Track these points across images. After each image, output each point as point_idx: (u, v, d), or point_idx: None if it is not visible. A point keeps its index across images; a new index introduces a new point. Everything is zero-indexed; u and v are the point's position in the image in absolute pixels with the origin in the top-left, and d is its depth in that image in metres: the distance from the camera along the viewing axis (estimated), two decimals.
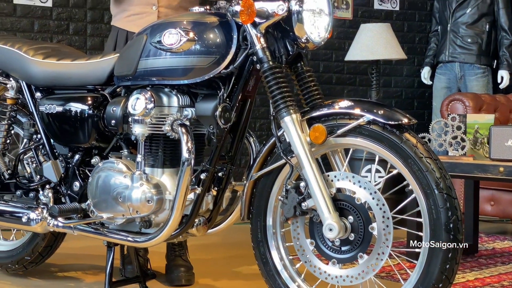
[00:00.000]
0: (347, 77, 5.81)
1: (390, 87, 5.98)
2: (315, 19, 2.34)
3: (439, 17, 5.64)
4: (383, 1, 5.91)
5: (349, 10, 5.76)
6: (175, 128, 2.42)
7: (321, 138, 2.22)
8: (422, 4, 6.06)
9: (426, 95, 6.02)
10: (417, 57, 6.03)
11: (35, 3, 4.76)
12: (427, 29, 5.99)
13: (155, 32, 2.48)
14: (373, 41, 4.98)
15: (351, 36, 5.41)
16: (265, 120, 5.41)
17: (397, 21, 5.95)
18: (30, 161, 2.91)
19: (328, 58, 5.71)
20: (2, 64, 2.96)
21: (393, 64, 5.90)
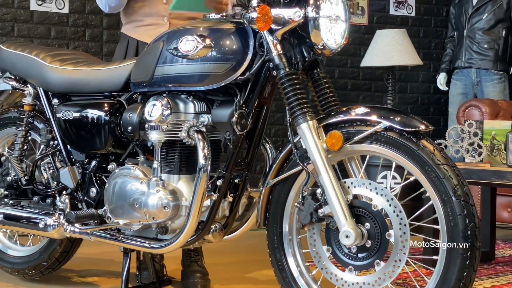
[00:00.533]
0: (362, 83, 5.80)
1: (405, 93, 5.96)
2: (332, 26, 2.34)
3: (455, 23, 5.62)
4: (398, 7, 5.90)
5: (364, 16, 5.76)
6: (191, 135, 2.43)
7: (338, 145, 2.22)
8: (438, 9, 6.05)
9: (442, 101, 6.00)
10: (433, 63, 6.02)
11: (52, 10, 4.80)
12: (443, 35, 5.97)
13: (171, 39, 2.49)
14: (389, 47, 4.97)
15: (367, 42, 5.41)
16: (280, 126, 5.41)
17: (413, 27, 5.94)
18: (47, 167, 2.92)
19: (343, 64, 5.71)
20: (19, 71, 2.98)
21: (409, 70, 5.88)
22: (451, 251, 2.07)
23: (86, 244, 3.06)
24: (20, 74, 2.99)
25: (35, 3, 4.74)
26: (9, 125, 3.16)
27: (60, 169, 2.85)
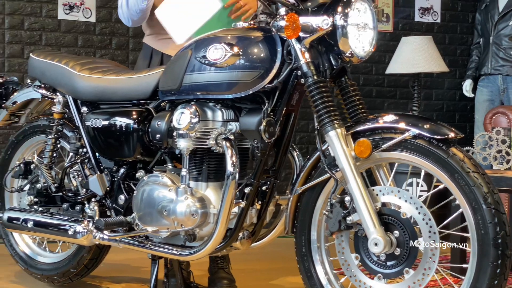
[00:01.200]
0: (387, 90, 5.78)
1: (431, 100, 5.93)
2: (360, 33, 2.34)
3: (481, 29, 5.59)
4: (424, 13, 5.88)
5: (389, 23, 5.75)
6: (219, 142, 2.44)
7: (366, 153, 2.22)
8: (463, 16, 6.02)
9: (468, 108, 5.96)
10: (459, 69, 5.98)
11: (79, 19, 4.84)
12: (469, 42, 5.94)
13: (199, 47, 2.50)
14: (414, 54, 4.95)
15: (392, 49, 5.39)
16: (305, 133, 5.41)
17: (439, 33, 5.91)
18: (76, 175, 2.95)
19: (368, 71, 5.69)
20: (49, 79, 3.01)
21: (434, 76, 5.85)
22: (482, 260, 2.06)
23: (114, 250, 3.08)
24: (50, 83, 3.03)
25: (63, 12, 4.79)
26: (39, 133, 3.20)
27: (89, 176, 2.88)
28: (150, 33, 3.26)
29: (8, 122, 3.30)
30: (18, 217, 2.93)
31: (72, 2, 4.82)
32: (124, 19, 3.19)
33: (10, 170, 3.22)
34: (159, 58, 3.21)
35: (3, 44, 4.66)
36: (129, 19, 3.15)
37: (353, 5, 2.30)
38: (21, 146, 3.29)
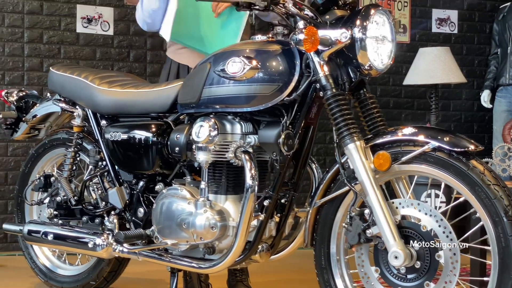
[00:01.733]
0: (404, 101, 5.77)
1: (449, 111, 5.91)
2: (378, 46, 2.34)
3: (498, 40, 5.57)
4: (441, 24, 5.87)
5: (406, 34, 5.75)
6: (238, 155, 2.45)
7: (386, 165, 2.22)
8: (481, 26, 6.00)
9: (486, 119, 5.94)
10: (477, 80, 5.96)
11: (97, 32, 4.88)
12: (487, 52, 5.92)
13: (218, 60, 2.51)
14: (432, 65, 4.94)
15: (409, 60, 5.39)
16: (323, 144, 5.41)
17: (456, 44, 5.89)
18: (96, 188, 2.97)
19: (385, 82, 5.69)
20: (69, 93, 3.04)
21: (452, 87, 5.84)
22: (503, 273, 2.05)
23: (134, 263, 3.09)
24: (70, 96, 3.05)
25: (81, 26, 4.83)
26: (59, 146, 3.22)
27: (109, 189, 2.89)
28: (170, 45, 3.31)
29: (28, 136, 3.33)
30: (38, 230, 2.95)
31: (91, 15, 4.86)
32: (140, 22, 3.27)
33: (30, 183, 3.25)
34: (176, 69, 3.25)
35: (22, 57, 4.70)
36: (144, 22, 3.22)
37: (371, 18, 2.31)
38: (41, 159, 3.31)
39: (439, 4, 5.86)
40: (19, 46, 4.70)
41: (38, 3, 4.73)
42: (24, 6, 4.70)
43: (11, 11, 4.67)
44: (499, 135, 4.94)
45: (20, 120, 3.27)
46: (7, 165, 4.68)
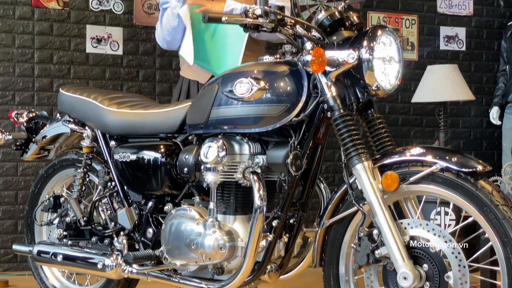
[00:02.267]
0: (413, 118, 5.77)
1: (458, 128, 5.90)
2: (385, 67, 2.34)
3: (507, 57, 5.57)
4: (449, 41, 5.88)
5: (414, 51, 5.75)
6: (247, 176, 2.45)
7: (394, 186, 2.21)
8: (489, 43, 6.01)
9: (495, 135, 5.93)
10: (485, 97, 5.96)
11: (107, 52, 4.91)
12: (495, 69, 5.92)
13: (226, 81, 2.52)
14: (440, 83, 4.94)
15: (417, 78, 5.39)
16: (331, 162, 5.41)
17: (464, 61, 5.90)
18: (105, 208, 2.97)
19: (394, 100, 5.69)
20: (78, 114, 3.05)
21: (461, 104, 5.83)
22: None
23: (143, 284, 3.08)
24: (79, 117, 3.07)
25: (91, 46, 4.86)
26: (68, 166, 3.24)
27: (118, 210, 2.90)
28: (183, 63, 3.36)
29: (38, 156, 3.34)
30: (48, 250, 2.96)
31: (100, 35, 4.89)
32: (160, 41, 3.35)
33: (39, 204, 3.26)
34: (187, 85, 3.29)
35: (32, 78, 4.74)
36: (164, 40, 3.29)
37: (378, 38, 2.31)
38: (50, 180, 3.32)
39: (447, 21, 5.88)
40: (29, 66, 4.73)
41: (48, 24, 4.77)
42: (35, 27, 4.74)
43: (21, 32, 4.71)
44: (509, 152, 4.93)
45: (30, 141, 3.29)
46: (17, 185, 4.70)
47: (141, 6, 5.00)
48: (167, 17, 3.26)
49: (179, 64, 3.44)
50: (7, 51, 4.69)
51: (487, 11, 6.01)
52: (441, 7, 5.86)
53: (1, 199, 4.68)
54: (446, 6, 5.87)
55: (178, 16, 3.20)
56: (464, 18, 5.94)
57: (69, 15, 4.83)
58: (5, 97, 4.69)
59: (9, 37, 4.69)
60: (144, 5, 5.02)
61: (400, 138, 5.66)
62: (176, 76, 4.85)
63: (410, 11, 5.78)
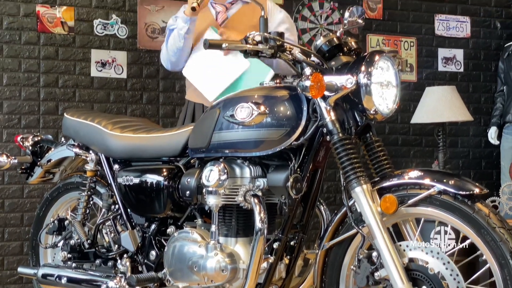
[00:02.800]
0: (413, 139, 5.77)
1: (457, 148, 5.90)
2: (383, 91, 2.35)
3: (504, 78, 5.58)
4: (447, 63, 5.89)
5: (413, 72, 5.77)
6: (248, 199, 2.45)
7: (392, 208, 2.22)
8: (486, 65, 6.02)
9: (494, 155, 5.92)
10: (483, 117, 5.96)
11: (111, 75, 4.93)
12: (493, 90, 5.93)
13: (227, 106, 2.53)
14: (438, 104, 4.95)
15: (416, 98, 5.40)
16: (333, 182, 5.40)
17: (462, 82, 5.91)
18: (109, 231, 2.98)
19: (393, 120, 5.70)
20: (82, 138, 3.06)
21: (459, 124, 5.83)
22: None
23: None
24: (83, 141, 3.08)
25: (95, 70, 4.88)
26: (72, 189, 3.24)
27: (121, 232, 2.90)
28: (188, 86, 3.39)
29: (43, 179, 3.35)
30: (52, 273, 2.97)
31: (104, 59, 4.91)
32: (164, 62, 3.41)
33: (44, 227, 3.26)
34: (192, 109, 3.31)
35: (38, 101, 4.75)
36: (169, 60, 3.33)
37: (376, 63, 2.32)
38: (55, 203, 3.33)
39: (444, 43, 5.89)
40: (35, 90, 4.75)
41: (53, 49, 4.79)
42: (40, 52, 4.76)
43: (27, 57, 4.73)
44: (507, 172, 4.93)
45: (35, 165, 3.30)
46: (23, 207, 4.70)
47: (144, 30, 5.03)
48: (173, 38, 3.31)
49: (182, 86, 3.47)
50: (13, 76, 4.71)
51: (484, 33, 6.03)
52: (439, 30, 5.88)
53: (7, 221, 4.68)
54: (444, 28, 5.90)
55: (184, 37, 3.25)
56: (462, 40, 5.96)
57: (74, 39, 4.85)
58: (11, 121, 4.70)
59: (15, 62, 4.71)
60: (147, 29, 5.04)
61: (400, 158, 5.66)
62: (180, 98, 4.88)
63: (408, 33, 5.80)
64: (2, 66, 4.68)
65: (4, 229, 4.67)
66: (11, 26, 4.70)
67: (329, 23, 5.58)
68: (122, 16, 4.97)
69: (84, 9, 4.88)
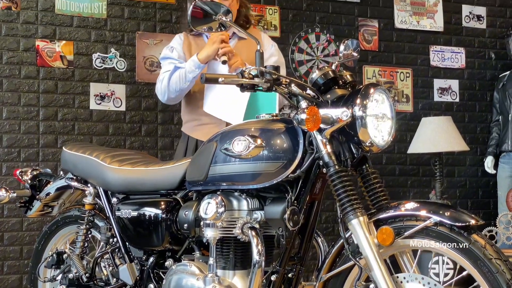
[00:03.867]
0: (410, 168, 5.77)
1: (454, 177, 5.90)
2: (378, 123, 2.36)
3: (499, 107, 5.61)
4: (443, 93, 5.92)
5: (409, 103, 5.79)
6: (245, 231, 2.44)
7: (389, 240, 2.20)
8: (481, 95, 6.05)
9: (490, 184, 5.92)
10: (480, 146, 5.97)
11: (110, 108, 4.94)
12: (488, 119, 5.94)
13: (224, 139, 2.53)
14: (435, 134, 4.97)
15: (413, 128, 5.42)
16: (331, 212, 5.39)
17: (458, 112, 5.93)
18: (107, 264, 2.96)
19: (390, 150, 5.70)
20: (81, 172, 3.06)
21: (456, 154, 5.84)
22: None
23: None
24: (81, 175, 3.08)
25: (94, 103, 4.90)
26: (71, 223, 3.23)
27: (120, 266, 2.89)
28: (187, 121, 3.37)
29: (41, 213, 3.34)
30: None
31: (103, 93, 4.93)
32: (161, 94, 3.37)
33: (43, 260, 3.25)
34: (194, 145, 3.30)
35: (37, 134, 4.76)
36: (166, 95, 3.33)
37: (371, 96, 2.32)
38: (54, 236, 3.32)
39: (440, 74, 5.93)
40: (35, 124, 4.76)
41: (53, 83, 4.81)
42: (40, 85, 4.78)
43: (27, 91, 4.75)
44: (504, 201, 4.92)
45: (34, 198, 3.29)
46: (22, 240, 4.69)
47: (143, 63, 5.06)
48: (179, 77, 3.29)
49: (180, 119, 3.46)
50: (13, 110, 4.72)
51: (478, 64, 6.07)
52: (434, 61, 5.91)
53: (7, 254, 4.66)
54: (439, 59, 5.93)
55: (192, 81, 3.25)
56: (457, 71, 5.99)
57: (73, 73, 4.88)
58: (11, 154, 4.71)
59: (15, 96, 4.73)
60: (146, 62, 5.07)
61: (398, 187, 5.66)
62: (178, 130, 4.88)
63: (404, 64, 5.83)
64: (2, 100, 4.70)
65: (4, 262, 4.65)
66: (11, 61, 4.73)
67: (325, 55, 5.61)
68: (120, 49, 5.00)
69: (83, 43, 4.91)
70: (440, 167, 5.11)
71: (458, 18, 6.03)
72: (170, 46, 3.44)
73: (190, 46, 3.43)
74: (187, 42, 3.44)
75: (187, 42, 3.44)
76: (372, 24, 5.77)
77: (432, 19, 5.93)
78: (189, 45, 3.44)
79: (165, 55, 3.41)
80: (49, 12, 4.84)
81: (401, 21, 5.84)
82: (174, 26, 5.12)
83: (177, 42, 3.44)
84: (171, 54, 3.39)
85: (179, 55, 3.39)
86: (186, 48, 3.43)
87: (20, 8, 4.77)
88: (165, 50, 3.45)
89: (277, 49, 3.55)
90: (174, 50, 3.40)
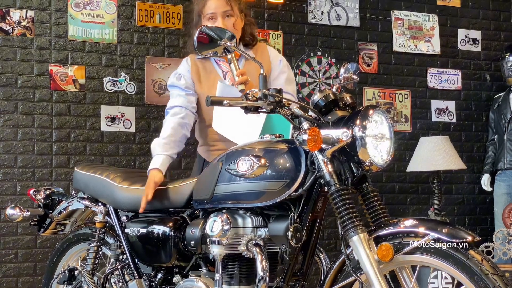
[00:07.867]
0: (409, 186, 5.76)
1: (451, 194, 5.89)
2: (378, 143, 2.36)
3: (495, 127, 5.60)
4: (440, 114, 5.92)
5: (408, 123, 5.79)
6: (250, 248, 2.44)
7: (388, 256, 2.20)
8: (477, 115, 6.05)
9: (487, 201, 5.90)
10: (476, 165, 5.97)
11: (120, 130, 4.96)
12: (484, 139, 5.94)
13: (229, 159, 2.54)
14: (432, 153, 4.97)
15: (411, 147, 5.42)
16: (333, 229, 5.38)
17: (455, 132, 5.93)
18: (117, 280, 2.95)
19: (390, 169, 5.70)
20: (92, 191, 3.07)
21: (453, 172, 5.84)
22: None
23: None
24: (92, 194, 3.08)
25: (105, 124, 4.92)
26: (82, 240, 3.23)
27: (129, 282, 2.88)
28: (202, 144, 3.32)
29: (54, 231, 3.34)
30: None
31: (114, 115, 4.95)
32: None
33: (55, 277, 3.24)
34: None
35: (50, 155, 4.78)
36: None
37: (370, 117, 2.33)
38: (66, 253, 3.32)
39: (437, 95, 5.94)
40: (48, 145, 4.78)
41: (65, 105, 4.84)
42: (53, 108, 4.80)
43: (40, 113, 4.77)
44: (500, 217, 4.90)
45: (47, 217, 3.29)
46: (35, 257, 4.69)
47: (151, 86, 5.08)
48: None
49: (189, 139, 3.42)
50: (27, 131, 4.74)
51: (474, 85, 6.08)
52: (431, 83, 5.93)
53: (21, 270, 4.66)
54: (436, 81, 5.94)
55: None
56: (454, 92, 6.00)
57: (85, 96, 4.90)
58: (25, 174, 4.72)
59: (29, 118, 4.75)
60: (154, 85, 5.09)
61: (397, 205, 5.64)
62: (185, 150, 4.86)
63: (403, 86, 5.84)
64: (16, 122, 4.72)
65: (18, 279, 4.64)
66: (25, 85, 4.76)
67: (327, 77, 5.63)
68: (130, 73, 5.02)
69: (94, 67, 4.94)
70: (438, 185, 5.10)
71: (454, 42, 6.05)
72: (178, 73, 3.28)
73: (198, 71, 3.26)
74: (195, 68, 3.28)
75: (195, 68, 3.28)
76: (371, 48, 5.79)
77: (429, 42, 5.95)
78: (197, 70, 3.26)
79: (172, 83, 3.25)
80: (62, 38, 4.87)
81: (399, 45, 5.86)
82: (181, 51, 5.14)
83: (185, 69, 3.29)
84: (178, 82, 3.24)
85: (186, 83, 3.24)
86: (195, 73, 3.26)
87: (34, 34, 4.81)
88: (172, 78, 3.29)
89: (286, 63, 3.37)
90: (182, 78, 3.25)
